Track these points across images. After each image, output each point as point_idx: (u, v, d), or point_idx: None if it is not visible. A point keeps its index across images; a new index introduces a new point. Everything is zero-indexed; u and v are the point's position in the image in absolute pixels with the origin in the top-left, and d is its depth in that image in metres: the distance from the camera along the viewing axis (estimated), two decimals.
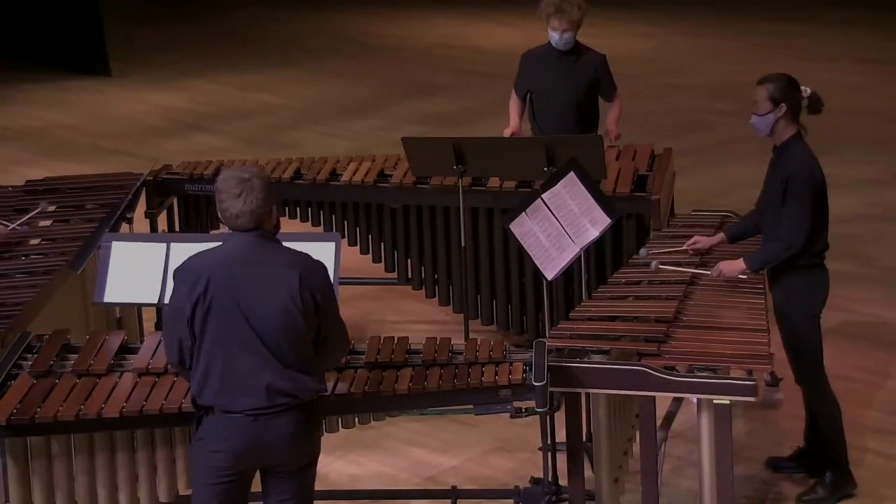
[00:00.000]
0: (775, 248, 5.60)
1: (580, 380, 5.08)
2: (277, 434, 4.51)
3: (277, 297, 4.48)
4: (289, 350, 4.51)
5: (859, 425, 6.28)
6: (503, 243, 6.92)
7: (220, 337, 4.50)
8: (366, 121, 11.09)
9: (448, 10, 14.56)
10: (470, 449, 6.26)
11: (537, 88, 7.11)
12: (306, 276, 4.52)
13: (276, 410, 4.50)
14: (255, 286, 4.49)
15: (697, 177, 9.39)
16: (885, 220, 8.66)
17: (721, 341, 5.25)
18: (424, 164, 6.88)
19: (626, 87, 7.43)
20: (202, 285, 4.48)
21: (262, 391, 4.49)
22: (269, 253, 4.54)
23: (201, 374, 4.53)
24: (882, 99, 11.14)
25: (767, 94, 5.59)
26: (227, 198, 4.52)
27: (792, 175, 5.56)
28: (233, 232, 4.57)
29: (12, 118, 11.46)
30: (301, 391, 4.53)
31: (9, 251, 6.28)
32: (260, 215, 4.53)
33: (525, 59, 7.21)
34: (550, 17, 6.96)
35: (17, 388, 4.96)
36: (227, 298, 4.48)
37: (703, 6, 14.27)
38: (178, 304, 4.54)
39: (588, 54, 7.12)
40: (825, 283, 5.71)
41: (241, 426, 4.50)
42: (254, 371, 4.49)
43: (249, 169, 4.60)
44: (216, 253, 4.60)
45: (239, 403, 4.50)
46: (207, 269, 4.52)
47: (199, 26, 14.33)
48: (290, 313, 4.49)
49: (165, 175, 7.34)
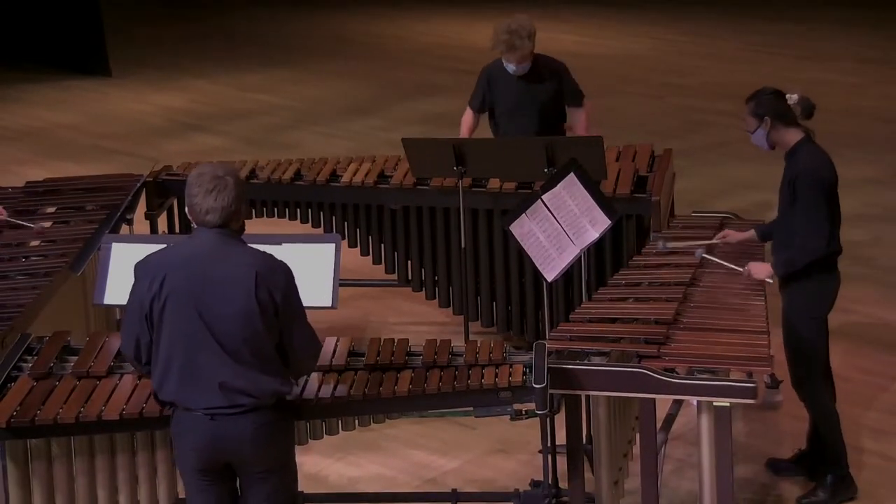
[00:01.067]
0: (797, 254, 5.61)
1: (580, 382, 5.08)
2: (236, 434, 4.49)
3: (233, 295, 4.46)
4: (246, 350, 4.49)
5: (859, 426, 6.29)
6: (503, 244, 6.92)
7: (176, 334, 4.50)
8: (366, 121, 11.09)
9: (448, 11, 14.56)
10: (470, 451, 6.26)
11: (499, 106, 7.07)
12: (264, 276, 4.49)
13: (235, 411, 4.49)
14: (211, 284, 4.47)
15: (697, 177, 9.39)
16: (885, 220, 8.66)
17: (721, 343, 5.25)
18: (425, 166, 6.88)
19: (625, 88, 7.42)
20: (158, 282, 4.49)
21: (216, 390, 4.48)
22: (228, 251, 4.52)
23: (161, 370, 4.54)
24: (882, 99, 11.15)
25: (751, 111, 5.68)
26: (198, 192, 4.51)
27: (798, 177, 5.58)
28: (197, 228, 4.57)
29: (13, 118, 11.47)
30: (259, 392, 4.51)
31: (9, 253, 6.28)
32: (229, 214, 4.51)
33: (484, 75, 7.13)
34: (504, 54, 6.92)
35: (17, 390, 4.96)
36: (182, 295, 4.47)
37: (703, 7, 14.27)
38: (137, 299, 4.54)
39: (548, 65, 7.04)
40: (834, 286, 5.72)
41: (201, 424, 4.50)
42: (210, 369, 4.48)
43: (224, 167, 4.59)
44: (177, 250, 4.60)
45: (197, 401, 4.50)
46: (165, 265, 4.52)
47: (198, 27, 14.33)
48: (246, 312, 4.46)
49: (165, 176, 7.34)
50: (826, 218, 5.56)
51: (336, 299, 5.18)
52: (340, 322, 7.13)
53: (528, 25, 6.88)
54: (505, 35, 6.86)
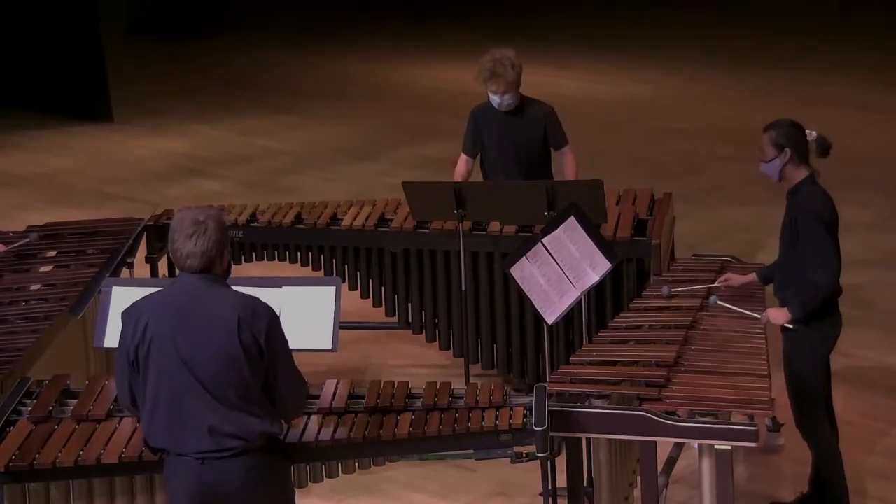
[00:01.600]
0: (810, 293, 5.61)
1: (581, 424, 5.06)
2: (228, 479, 4.48)
3: (216, 339, 4.46)
4: (231, 392, 4.47)
5: (860, 470, 6.26)
6: (504, 287, 6.92)
7: (160, 379, 4.49)
8: (366, 165, 11.12)
9: (448, 55, 14.63)
10: (470, 494, 6.24)
11: (486, 146, 7.10)
12: (246, 319, 4.48)
13: (225, 454, 4.48)
14: (194, 328, 4.47)
15: (696, 221, 9.41)
16: (884, 265, 8.67)
17: (722, 386, 5.24)
18: (425, 209, 6.89)
19: (624, 131, 7.45)
20: (142, 327, 4.49)
21: (205, 434, 4.47)
22: (211, 295, 4.51)
23: (147, 415, 4.54)
24: (880, 143, 11.18)
25: (771, 140, 5.64)
26: (178, 237, 4.51)
27: (800, 216, 5.59)
28: (181, 273, 4.57)
29: (15, 163, 11.49)
30: (248, 434, 4.49)
31: (9, 296, 6.28)
32: (210, 258, 4.50)
33: (472, 117, 7.16)
34: (487, 82, 6.93)
35: (16, 433, 4.95)
36: (165, 340, 4.47)
37: (703, 52, 14.34)
38: (124, 345, 4.54)
39: (535, 108, 7.05)
40: (835, 327, 5.72)
41: (191, 469, 4.49)
42: (196, 414, 4.47)
43: (206, 211, 4.58)
44: (160, 295, 4.60)
45: (186, 446, 4.49)
46: (148, 310, 4.52)
47: (199, 72, 14.39)
48: (230, 356, 4.46)
49: (166, 220, 7.34)
50: (833, 252, 5.56)
51: (336, 342, 5.17)
52: (341, 365, 7.13)
53: (512, 56, 6.90)
54: (489, 63, 6.88)
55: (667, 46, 14.56)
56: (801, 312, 5.63)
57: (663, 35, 15.06)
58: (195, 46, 15.37)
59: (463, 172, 7.19)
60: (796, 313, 5.64)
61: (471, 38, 15.19)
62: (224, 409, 4.47)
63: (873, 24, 15.12)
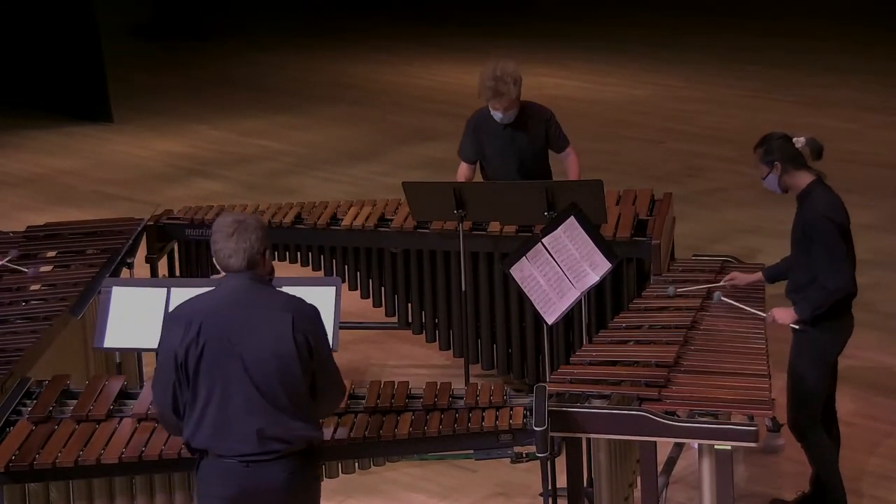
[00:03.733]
0: (820, 296, 5.60)
1: (581, 425, 5.06)
2: (270, 482, 4.49)
3: (271, 340, 4.47)
4: (282, 394, 4.49)
5: (861, 472, 6.26)
6: (503, 288, 6.92)
7: (213, 381, 4.48)
8: (366, 166, 11.12)
9: (448, 56, 14.63)
10: (470, 494, 6.24)
11: (486, 154, 7.06)
12: (299, 320, 4.51)
13: (268, 458, 4.48)
14: (248, 329, 4.48)
15: (696, 222, 9.41)
16: (885, 266, 8.67)
17: (722, 386, 5.24)
18: (425, 209, 6.89)
19: (625, 133, 7.45)
20: (195, 329, 4.47)
21: (252, 437, 4.47)
22: (261, 296, 4.54)
23: (196, 418, 4.52)
24: (880, 145, 11.18)
25: (760, 158, 5.69)
26: (220, 238, 4.53)
27: (810, 221, 5.60)
28: (226, 275, 4.57)
29: (15, 164, 11.49)
30: (294, 438, 4.51)
31: (9, 297, 6.28)
32: (252, 256, 4.52)
33: (469, 125, 7.12)
34: (490, 101, 6.90)
35: (16, 433, 4.95)
36: (220, 342, 4.47)
37: (703, 53, 14.34)
38: (170, 348, 4.51)
39: (534, 113, 7.01)
40: (845, 330, 5.72)
41: (234, 472, 4.49)
42: (246, 416, 4.47)
43: (245, 214, 4.62)
44: (209, 297, 4.59)
45: (231, 448, 4.49)
46: (200, 313, 4.51)
47: (199, 72, 14.39)
48: (284, 357, 4.48)
49: (166, 220, 7.35)
50: (845, 257, 5.56)
51: (336, 342, 5.18)
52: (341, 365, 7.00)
53: (513, 71, 6.85)
54: (490, 82, 6.84)
55: (667, 47, 14.57)
56: (808, 314, 5.63)
57: (663, 36, 15.07)
58: (195, 48, 15.38)
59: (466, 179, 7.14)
60: (803, 314, 5.64)
61: (471, 39, 15.21)
62: (274, 411, 4.48)
63: (873, 25, 15.12)
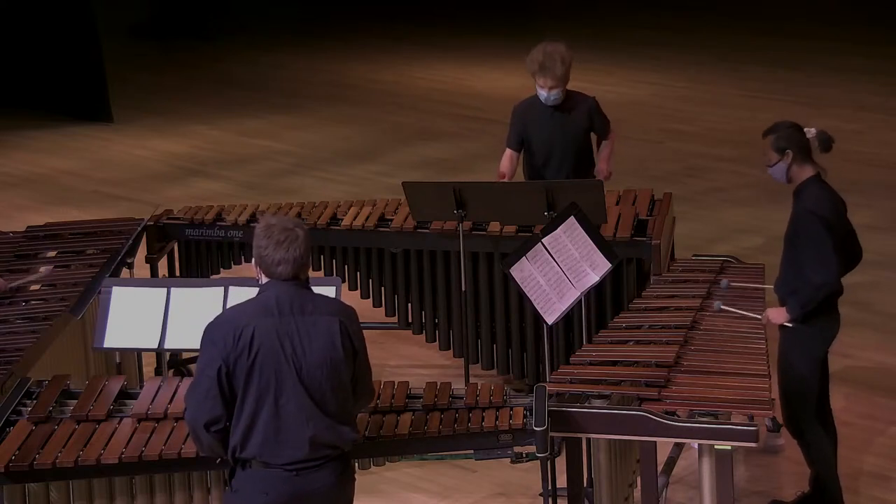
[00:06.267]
0: (807, 292, 5.61)
1: (581, 425, 5.06)
2: (319, 486, 4.50)
3: (323, 345, 4.49)
4: (332, 399, 4.50)
5: (859, 471, 6.26)
6: (503, 288, 6.92)
7: (264, 389, 4.46)
8: (366, 166, 11.12)
9: (448, 56, 14.64)
10: (470, 494, 6.24)
11: (532, 142, 7.08)
12: (347, 324, 4.55)
13: (317, 463, 4.49)
14: (300, 336, 4.48)
15: (696, 222, 9.41)
16: (884, 266, 8.67)
17: (722, 386, 5.24)
18: (425, 209, 6.89)
19: (625, 133, 7.47)
20: (247, 337, 4.44)
21: (305, 443, 4.47)
22: (309, 301, 4.54)
23: (244, 427, 4.47)
24: (880, 145, 11.18)
25: (772, 145, 5.67)
26: (268, 244, 4.51)
27: (799, 216, 5.60)
28: (270, 282, 4.54)
29: (15, 164, 11.49)
30: (342, 442, 4.54)
31: (9, 297, 6.28)
32: (300, 265, 4.53)
33: (517, 112, 7.15)
34: (535, 75, 6.93)
35: (15, 433, 4.95)
36: (273, 349, 4.45)
37: (702, 53, 14.34)
38: (216, 358, 4.45)
39: (579, 101, 7.07)
40: (831, 327, 5.71)
41: (283, 480, 4.47)
42: (299, 423, 4.47)
43: (293, 220, 4.61)
44: (253, 305, 4.55)
45: (282, 456, 4.46)
46: (250, 320, 4.48)
47: (199, 72, 14.39)
48: (335, 361, 4.50)
49: (166, 220, 7.35)
50: (832, 252, 5.56)
51: None
52: None
53: (563, 51, 6.89)
54: (539, 56, 6.87)
55: (667, 48, 14.57)
56: (799, 312, 5.64)
57: (663, 37, 15.07)
58: (195, 47, 15.38)
59: (508, 167, 7.14)
60: (794, 312, 5.65)
61: (470, 39, 15.21)
62: (325, 417, 4.49)
63: (873, 25, 15.12)
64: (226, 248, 7.30)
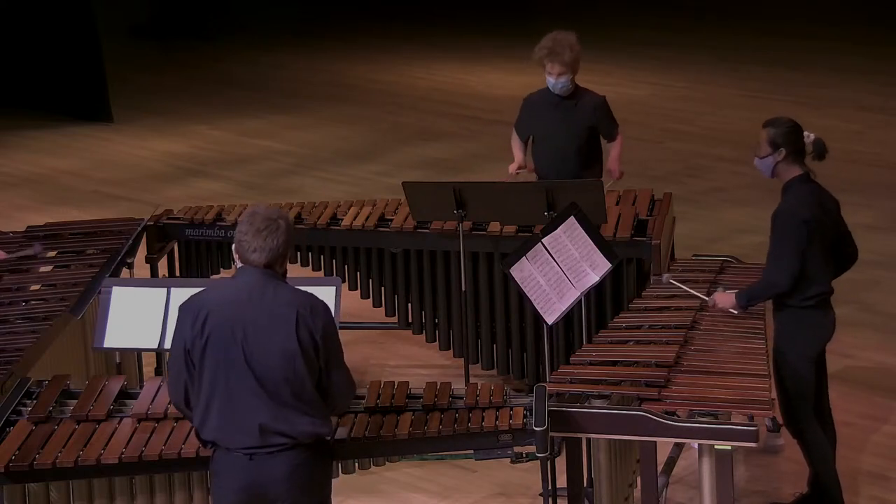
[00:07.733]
0: (758, 287, 5.68)
1: (581, 425, 5.07)
2: (273, 474, 4.50)
3: (275, 336, 4.49)
4: (286, 390, 4.50)
5: (859, 471, 6.26)
6: (503, 288, 6.92)
7: (217, 373, 4.50)
8: (366, 166, 11.12)
9: (448, 56, 14.64)
10: (470, 494, 6.24)
11: (537, 133, 7.15)
12: (305, 316, 4.52)
13: (271, 450, 4.50)
14: (252, 325, 4.49)
15: (696, 222, 9.41)
16: (884, 266, 8.67)
17: (722, 386, 5.25)
18: (425, 209, 6.90)
19: (625, 133, 7.47)
20: (201, 320, 4.50)
21: (255, 430, 4.49)
22: (271, 291, 4.54)
23: (202, 408, 4.55)
24: (881, 145, 11.18)
25: (768, 138, 5.64)
26: (248, 230, 4.55)
27: (778, 214, 5.61)
28: (240, 268, 4.58)
29: (15, 164, 11.49)
30: (298, 434, 4.52)
31: (9, 297, 6.28)
32: (276, 256, 4.54)
33: (525, 104, 7.24)
34: (544, 61, 6.99)
35: (15, 433, 4.95)
36: (224, 335, 4.49)
37: (702, 53, 14.34)
38: (180, 339, 4.55)
39: (587, 97, 7.14)
40: (823, 325, 5.70)
41: (239, 464, 4.51)
42: (249, 410, 4.49)
43: (278, 211, 4.63)
44: (219, 289, 4.63)
45: (236, 441, 4.51)
46: (207, 304, 4.54)
47: (198, 73, 14.39)
48: (288, 353, 4.49)
49: (166, 220, 7.35)
50: (793, 254, 5.54)
51: None
52: None
53: (572, 40, 6.97)
54: (549, 42, 6.95)
55: (667, 48, 14.57)
56: (745, 301, 5.67)
57: (663, 37, 15.07)
58: (195, 47, 15.38)
59: (521, 146, 7.20)
60: (741, 301, 5.68)
61: (470, 39, 15.22)
62: (277, 406, 4.50)
63: (874, 25, 15.12)
64: (226, 248, 7.30)
